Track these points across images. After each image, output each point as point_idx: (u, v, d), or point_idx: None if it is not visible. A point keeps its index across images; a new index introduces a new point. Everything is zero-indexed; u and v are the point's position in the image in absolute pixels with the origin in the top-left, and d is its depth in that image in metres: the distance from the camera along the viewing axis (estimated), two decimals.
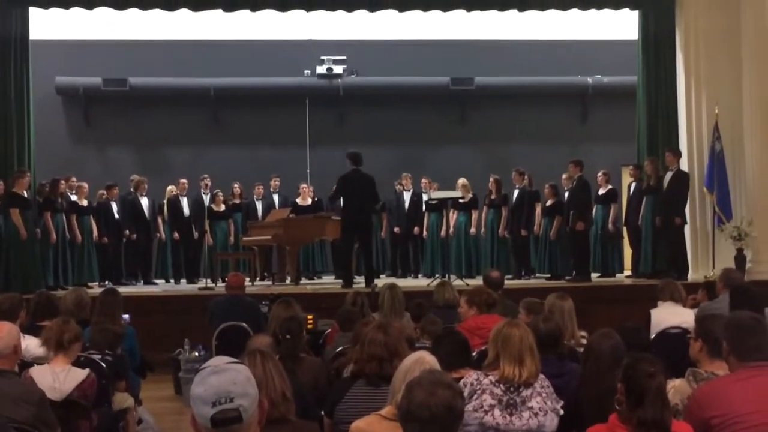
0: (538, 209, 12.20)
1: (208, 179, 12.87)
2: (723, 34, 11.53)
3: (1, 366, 4.09)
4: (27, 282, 10.22)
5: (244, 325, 7.11)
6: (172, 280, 12.75)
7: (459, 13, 12.41)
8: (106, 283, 11.55)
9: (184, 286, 12.14)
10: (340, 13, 12.25)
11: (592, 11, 12.49)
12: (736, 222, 10.98)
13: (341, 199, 10.88)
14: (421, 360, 3.33)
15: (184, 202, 12.80)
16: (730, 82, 11.45)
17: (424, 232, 12.98)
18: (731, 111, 11.36)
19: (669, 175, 11.04)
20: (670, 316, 6.20)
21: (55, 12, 12.08)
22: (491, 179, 12.49)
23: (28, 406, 3.98)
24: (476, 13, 12.52)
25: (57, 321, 4.77)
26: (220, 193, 12.89)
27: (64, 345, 4.63)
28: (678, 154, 11.24)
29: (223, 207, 12.90)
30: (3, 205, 10.46)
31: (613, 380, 3.20)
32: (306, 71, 15.31)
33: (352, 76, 15.35)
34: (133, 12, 11.96)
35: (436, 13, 12.32)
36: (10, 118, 11.29)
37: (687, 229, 11.32)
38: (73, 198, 11.70)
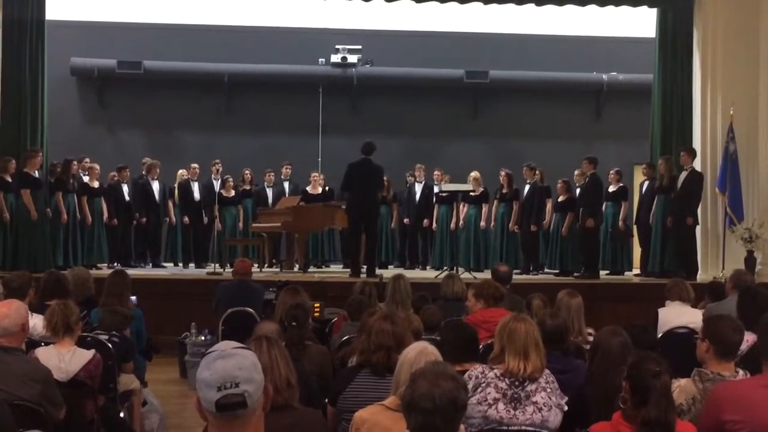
0: (549, 205, 12.18)
1: (220, 165, 12.89)
2: (741, 35, 11.46)
3: (8, 344, 4.11)
4: (36, 261, 10.30)
5: (251, 310, 7.14)
6: (180, 264, 12.79)
7: (476, 6, 12.36)
8: (115, 264, 11.60)
9: (192, 270, 12.17)
10: (356, 2, 12.22)
11: (610, 8, 12.40)
12: (748, 224, 10.93)
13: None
14: (425, 351, 3.33)
15: (195, 187, 12.82)
16: (746, 83, 11.38)
17: (434, 224, 12.97)
18: (746, 112, 11.31)
19: (683, 174, 10.98)
20: (678, 315, 6.19)
21: None
22: (502, 173, 12.47)
23: (35, 384, 4.01)
24: (493, 6, 12.48)
25: (58, 304, 4.75)
26: (231, 179, 12.91)
27: (71, 326, 4.65)
28: (693, 154, 11.18)
29: (233, 193, 12.93)
30: (14, 184, 10.51)
31: (619, 378, 3.19)
32: (320, 60, 15.30)
33: (367, 66, 15.34)
34: None
35: (452, 5, 12.28)
36: (25, 98, 11.32)
37: (698, 229, 11.27)
38: (85, 179, 11.73)
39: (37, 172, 10.67)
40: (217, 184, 12.78)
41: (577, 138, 15.19)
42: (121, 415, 5.13)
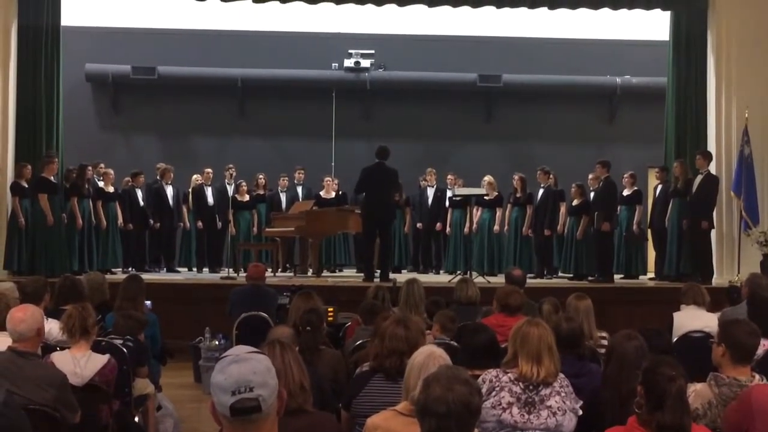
0: (563, 209, 12.14)
1: (233, 169, 12.88)
2: (755, 37, 11.40)
3: (23, 348, 4.14)
4: (52, 266, 10.37)
5: (265, 315, 7.15)
6: (194, 269, 12.82)
7: (488, 10, 12.36)
8: (130, 269, 11.65)
9: (206, 275, 12.21)
10: (369, 6, 12.22)
11: (623, 11, 12.35)
12: (763, 227, 10.88)
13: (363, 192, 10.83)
14: (433, 354, 3.33)
15: (209, 192, 12.84)
16: (761, 86, 11.32)
17: (448, 228, 12.96)
18: (761, 115, 11.25)
19: (699, 178, 10.94)
20: (693, 319, 6.15)
21: None
22: (516, 177, 12.44)
23: (50, 388, 4.02)
24: (506, 9, 12.47)
25: (75, 308, 4.78)
26: (245, 184, 12.94)
27: (88, 330, 4.67)
28: (709, 157, 11.12)
29: (247, 197, 12.95)
30: (31, 189, 10.57)
31: (635, 382, 3.17)
32: (333, 64, 15.31)
33: (380, 70, 15.33)
34: (164, 1, 12.02)
35: (465, 9, 12.27)
36: (40, 104, 11.38)
37: (713, 233, 11.21)
38: (100, 184, 11.79)
39: (53, 177, 10.73)
40: (230, 189, 12.79)
41: (590, 141, 15.14)
42: (136, 419, 5.15)
